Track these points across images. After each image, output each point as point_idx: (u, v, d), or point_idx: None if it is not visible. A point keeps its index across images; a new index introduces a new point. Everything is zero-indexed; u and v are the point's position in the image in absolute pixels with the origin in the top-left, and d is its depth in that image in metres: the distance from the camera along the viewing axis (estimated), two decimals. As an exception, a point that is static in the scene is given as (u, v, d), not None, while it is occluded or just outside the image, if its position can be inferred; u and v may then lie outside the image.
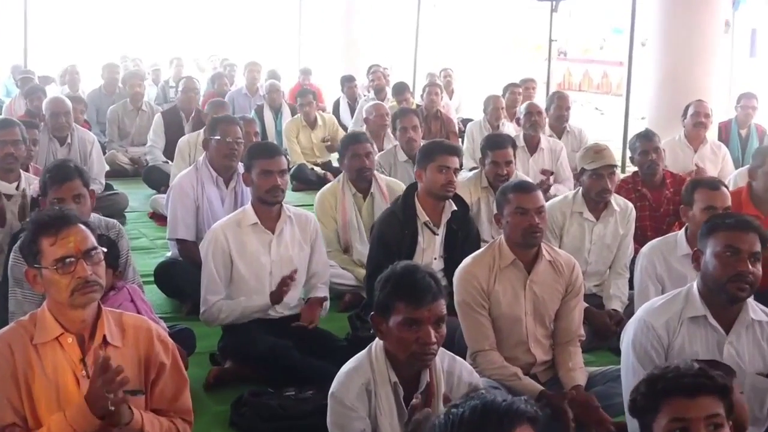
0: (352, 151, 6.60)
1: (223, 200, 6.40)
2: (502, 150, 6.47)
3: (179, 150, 8.49)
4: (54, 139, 8.44)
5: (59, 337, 3.20)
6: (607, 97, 23.69)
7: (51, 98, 8.98)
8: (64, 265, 3.17)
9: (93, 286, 3.19)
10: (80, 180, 4.78)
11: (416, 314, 3.21)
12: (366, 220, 6.57)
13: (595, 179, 5.83)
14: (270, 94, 12.17)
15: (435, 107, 11.06)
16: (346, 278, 6.40)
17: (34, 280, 3.25)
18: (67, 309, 3.20)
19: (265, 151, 5.20)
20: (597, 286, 5.99)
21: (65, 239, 3.19)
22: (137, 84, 11.74)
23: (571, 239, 5.92)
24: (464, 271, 4.47)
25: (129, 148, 11.39)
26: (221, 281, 5.08)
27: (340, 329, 5.55)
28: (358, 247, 6.54)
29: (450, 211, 5.52)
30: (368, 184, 6.67)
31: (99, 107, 12.67)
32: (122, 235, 4.99)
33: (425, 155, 5.50)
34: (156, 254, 7.60)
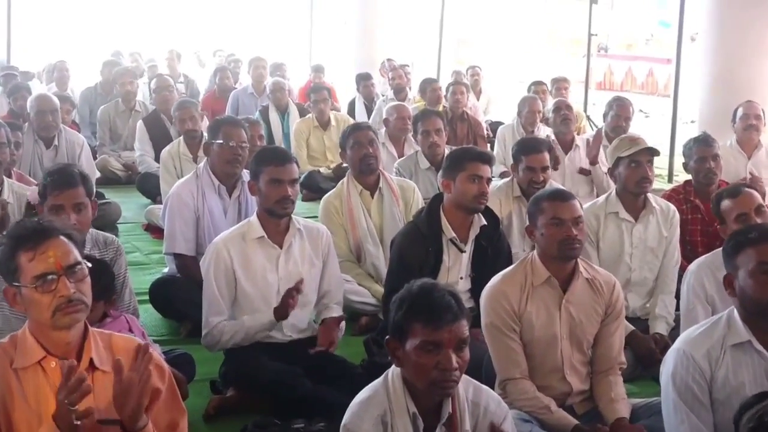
0: (353, 139, 6.63)
1: (226, 211, 6.39)
2: (538, 154, 6.46)
3: (163, 164, 8.56)
4: (39, 140, 8.48)
5: (41, 360, 3.21)
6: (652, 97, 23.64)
7: (36, 95, 9.05)
8: (45, 283, 3.17)
9: (77, 305, 3.19)
10: (83, 188, 4.81)
11: (435, 337, 3.20)
12: (375, 221, 6.59)
13: (633, 167, 5.80)
14: (275, 93, 12.12)
15: (461, 109, 11.07)
16: (363, 295, 6.38)
17: (13, 299, 3.25)
18: (50, 330, 3.20)
19: (275, 157, 5.18)
20: (644, 308, 5.94)
21: (45, 254, 3.18)
22: (128, 82, 11.74)
23: (609, 245, 5.88)
24: (493, 291, 4.46)
25: (122, 152, 11.41)
26: (224, 301, 5.06)
27: (355, 354, 5.54)
28: (371, 251, 6.55)
29: (479, 225, 5.50)
30: (375, 178, 6.67)
31: (93, 107, 12.69)
32: (121, 252, 5.02)
33: (454, 163, 5.48)
34: (151, 270, 7.62)
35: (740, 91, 10.68)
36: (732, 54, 11.48)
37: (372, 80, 14.20)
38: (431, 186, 7.28)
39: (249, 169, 5.39)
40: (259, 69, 13.71)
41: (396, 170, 7.62)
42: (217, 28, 25.43)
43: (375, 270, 6.49)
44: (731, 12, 11.53)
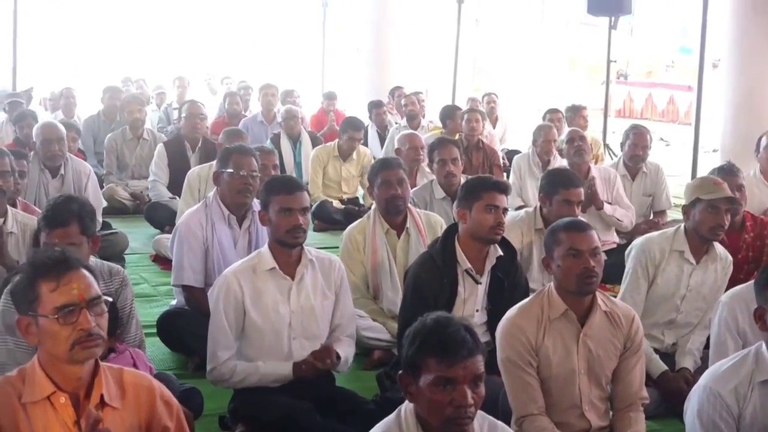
0: (381, 177, 6.57)
1: (236, 242, 6.39)
2: (577, 188, 6.45)
3: (188, 184, 8.52)
4: (45, 169, 8.48)
5: (51, 396, 3.21)
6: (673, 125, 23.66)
7: (42, 123, 9.04)
8: (67, 314, 3.18)
9: (96, 339, 3.21)
10: (77, 226, 4.79)
11: (450, 372, 3.20)
12: (400, 261, 6.52)
13: (711, 212, 5.70)
14: (287, 121, 12.15)
15: (476, 137, 11.07)
16: (377, 331, 6.37)
17: (26, 329, 3.25)
18: (64, 364, 3.22)
19: (285, 186, 5.18)
20: (674, 344, 5.93)
21: (68, 285, 3.20)
22: (137, 109, 11.73)
23: (665, 281, 5.82)
24: (509, 324, 4.47)
25: (129, 181, 11.42)
26: (232, 334, 5.05)
27: (368, 389, 5.54)
28: (389, 294, 6.51)
29: (495, 256, 5.48)
30: (402, 219, 6.63)
31: (96, 135, 12.75)
32: (126, 282, 5.01)
33: (470, 192, 5.48)
34: (159, 302, 7.65)
35: (764, 119, 10.71)
36: (755, 81, 11.50)
37: (384, 108, 14.24)
38: (446, 216, 7.27)
39: (259, 198, 5.41)
40: (268, 96, 13.75)
41: (411, 200, 7.63)
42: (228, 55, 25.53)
43: (390, 313, 6.44)
44: (754, 38, 11.56)
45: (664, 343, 5.78)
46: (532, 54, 27.06)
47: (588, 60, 26.99)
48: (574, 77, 27.40)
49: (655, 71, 29.37)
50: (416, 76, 19.49)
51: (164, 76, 20.20)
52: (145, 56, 24.86)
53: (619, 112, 25.47)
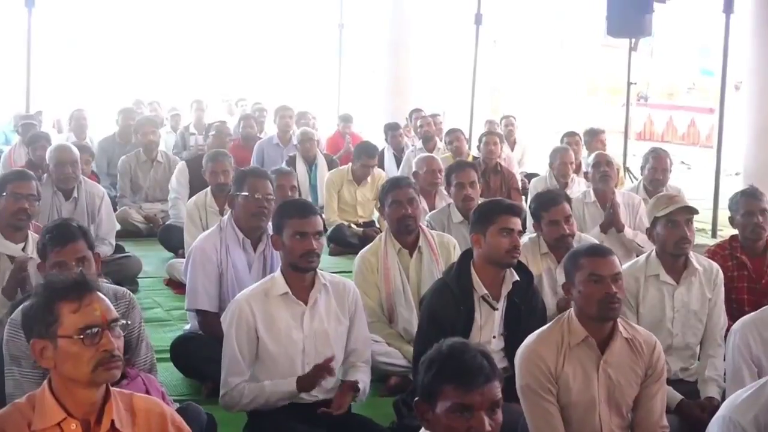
0: (391, 197, 6.58)
1: (251, 266, 6.40)
2: (557, 206, 6.46)
3: (188, 215, 8.61)
4: (58, 192, 8.50)
5: (61, 422, 3.21)
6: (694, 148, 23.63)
7: (56, 146, 9.06)
8: (90, 336, 3.20)
9: (117, 361, 3.23)
10: (84, 241, 4.85)
11: (467, 399, 3.19)
12: (413, 280, 6.54)
13: (670, 228, 5.71)
14: (303, 143, 12.16)
15: (494, 160, 11.07)
16: (393, 356, 6.36)
17: (41, 353, 3.25)
18: (80, 388, 3.22)
19: (299, 209, 5.19)
20: (684, 370, 5.89)
21: (90, 306, 3.23)
22: (150, 131, 11.77)
23: (649, 309, 5.80)
24: (528, 351, 4.45)
25: (143, 204, 11.46)
26: (245, 360, 5.04)
27: (384, 416, 5.53)
28: (404, 314, 6.51)
29: (511, 281, 5.46)
30: (414, 238, 6.63)
31: (111, 157, 12.78)
32: (134, 305, 4.99)
33: (483, 216, 5.47)
34: (172, 327, 7.65)
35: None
36: (778, 103, 11.46)
37: (400, 130, 14.24)
38: (464, 240, 7.25)
39: (272, 222, 5.40)
40: (285, 119, 13.74)
41: (427, 224, 7.62)
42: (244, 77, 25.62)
43: (406, 333, 6.44)
44: (776, 60, 11.53)
45: (671, 370, 5.74)
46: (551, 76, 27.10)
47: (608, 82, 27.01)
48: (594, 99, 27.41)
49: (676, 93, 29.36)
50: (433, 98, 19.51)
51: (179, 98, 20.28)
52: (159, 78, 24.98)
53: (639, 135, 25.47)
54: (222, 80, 25.01)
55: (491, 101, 24.33)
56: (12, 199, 6.18)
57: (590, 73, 28.49)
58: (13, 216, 6.17)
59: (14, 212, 6.16)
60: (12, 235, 6.18)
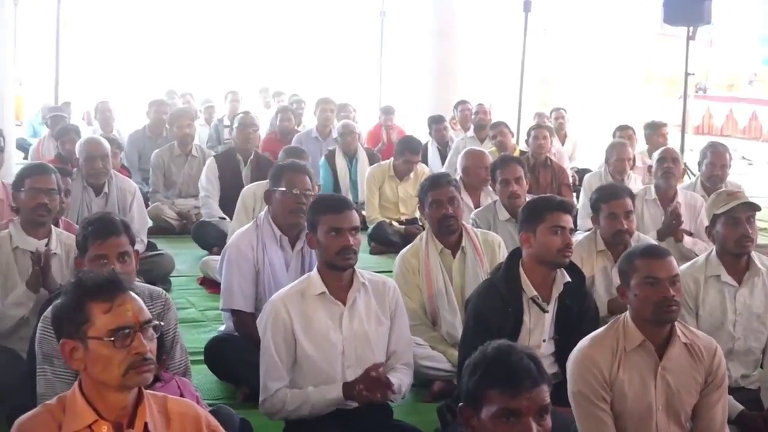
0: (432, 197, 6.54)
1: (288, 264, 6.40)
2: (619, 200, 6.44)
3: (242, 202, 8.56)
4: (88, 187, 8.53)
5: (93, 425, 3.23)
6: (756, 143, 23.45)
7: (86, 139, 9.08)
8: (121, 338, 3.20)
9: (150, 364, 3.24)
10: (127, 236, 4.86)
11: (513, 404, 3.18)
12: (457, 282, 6.51)
13: (731, 225, 5.66)
14: (344, 136, 12.13)
15: (543, 154, 11.03)
16: (436, 360, 6.32)
17: (71, 354, 3.26)
18: (111, 391, 3.23)
19: (333, 205, 5.17)
20: (745, 377, 5.83)
21: (122, 307, 3.23)
22: (186, 124, 11.75)
23: (709, 312, 5.75)
24: (581, 356, 4.44)
25: (176, 200, 11.49)
26: (283, 364, 5.03)
27: (428, 423, 5.51)
28: (447, 318, 6.48)
29: (562, 282, 5.44)
30: (457, 238, 6.59)
31: (142, 151, 12.83)
32: (169, 306, 5.00)
33: (533, 214, 5.44)
34: (207, 328, 7.67)
35: None
36: None
37: (445, 123, 14.21)
38: (511, 239, 7.23)
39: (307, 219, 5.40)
40: (326, 112, 13.71)
41: (473, 221, 7.60)
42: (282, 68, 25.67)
43: (450, 337, 6.42)
44: None
45: (732, 377, 5.68)
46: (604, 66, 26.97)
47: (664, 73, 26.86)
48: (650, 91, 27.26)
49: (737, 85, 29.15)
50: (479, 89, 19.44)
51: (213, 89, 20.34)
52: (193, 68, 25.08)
53: (697, 129, 25.32)
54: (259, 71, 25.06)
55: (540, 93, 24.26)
56: (31, 194, 6.18)
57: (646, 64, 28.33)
58: (33, 212, 6.17)
59: (34, 207, 6.16)
60: (34, 231, 6.20)
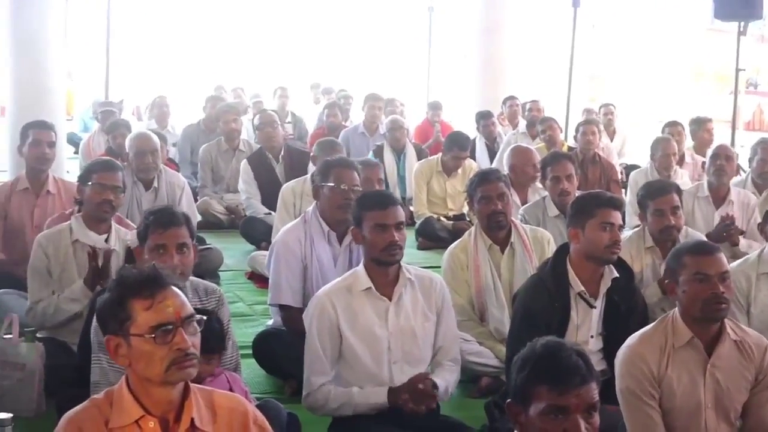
0: (481, 192, 6.53)
1: (336, 259, 6.40)
2: (666, 196, 6.39)
3: (282, 200, 8.60)
4: (138, 182, 8.57)
5: (139, 420, 3.24)
6: (808, 139, 23.13)
7: (136, 134, 9.13)
8: (162, 334, 3.21)
9: (192, 359, 3.24)
10: (187, 228, 4.91)
11: (562, 401, 3.17)
12: (505, 278, 6.50)
13: None
14: (392, 132, 12.16)
15: (592, 150, 10.99)
16: (484, 356, 6.33)
17: (116, 350, 3.28)
18: (155, 386, 3.24)
19: (378, 201, 5.19)
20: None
21: (163, 303, 3.23)
22: (232, 119, 11.82)
23: (761, 309, 5.70)
24: (629, 353, 4.41)
25: (224, 194, 11.54)
26: (328, 359, 5.03)
27: (475, 419, 5.50)
28: (495, 314, 6.47)
29: (610, 278, 5.42)
30: (506, 233, 6.58)
31: (195, 145, 12.87)
32: (223, 301, 5.05)
33: (582, 210, 5.43)
34: (255, 323, 7.70)
35: None
36: None
37: (493, 119, 14.18)
38: (560, 235, 7.20)
39: (352, 215, 5.40)
40: (374, 108, 13.78)
41: (521, 217, 7.57)
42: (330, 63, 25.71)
43: (498, 333, 6.41)
44: None
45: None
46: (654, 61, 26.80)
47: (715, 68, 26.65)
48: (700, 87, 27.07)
49: (789, 80, 28.89)
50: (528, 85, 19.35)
51: (263, 84, 20.40)
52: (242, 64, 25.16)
53: (748, 125, 25.11)
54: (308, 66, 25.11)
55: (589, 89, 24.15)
56: (97, 190, 6.23)
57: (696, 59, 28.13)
58: (98, 207, 6.22)
59: (99, 203, 6.21)
60: (95, 226, 6.24)
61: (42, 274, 6.19)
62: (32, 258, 6.25)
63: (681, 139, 11.29)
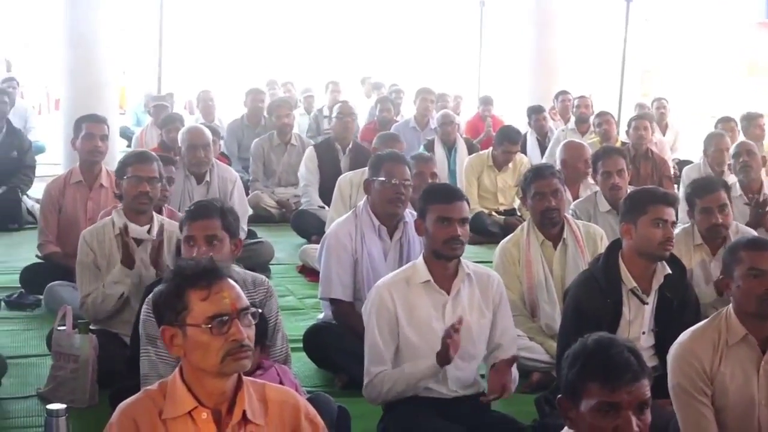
0: (535, 188, 6.52)
1: (386, 254, 6.42)
2: (713, 194, 6.34)
3: (339, 190, 8.64)
4: (190, 175, 8.63)
5: (192, 411, 3.26)
6: None
7: (188, 128, 9.19)
8: (218, 325, 3.23)
9: (247, 350, 3.25)
10: (220, 220, 4.94)
11: (613, 397, 3.16)
12: (557, 274, 6.49)
13: None
14: (443, 126, 12.14)
15: (645, 145, 10.90)
16: (535, 352, 6.32)
17: (171, 340, 3.31)
18: (210, 378, 3.26)
19: (444, 194, 5.20)
20: None
21: (219, 294, 3.26)
22: (285, 114, 11.86)
23: None
24: (682, 349, 4.39)
25: (275, 188, 11.60)
26: (387, 349, 5.04)
27: (526, 414, 5.50)
28: (546, 309, 6.47)
29: (663, 274, 5.39)
30: (559, 229, 6.57)
31: (240, 140, 12.97)
32: (271, 293, 5.08)
33: (635, 206, 5.40)
34: (305, 316, 7.73)
35: None
36: None
37: (545, 113, 14.12)
38: (611, 231, 7.16)
39: (417, 207, 5.39)
40: (426, 102, 13.78)
41: (572, 213, 7.54)
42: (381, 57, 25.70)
43: (549, 329, 6.40)
44: None
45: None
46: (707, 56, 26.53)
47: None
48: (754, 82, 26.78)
49: None
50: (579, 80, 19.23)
51: (313, 79, 20.44)
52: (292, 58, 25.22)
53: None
54: (359, 60, 25.12)
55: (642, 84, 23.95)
56: (133, 182, 6.27)
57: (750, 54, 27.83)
58: (135, 199, 6.27)
59: (136, 196, 6.25)
60: (136, 218, 6.29)
61: (90, 269, 6.26)
62: (79, 253, 6.33)
63: (734, 135, 11.19)
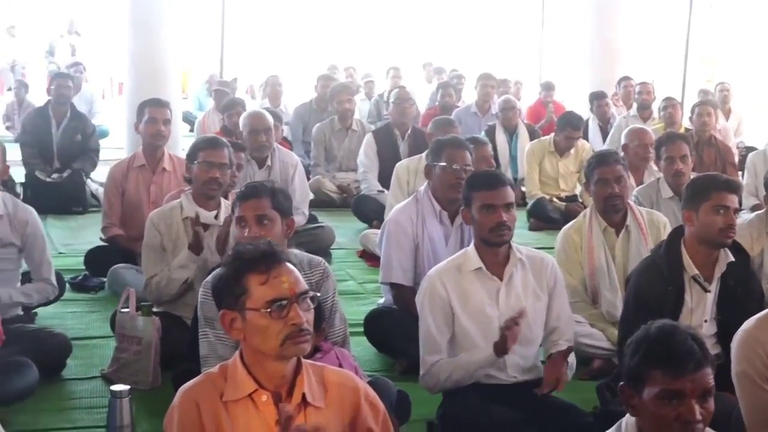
0: (598, 174, 6.46)
1: (447, 239, 6.42)
2: None
3: (396, 176, 8.64)
4: (252, 160, 8.66)
5: (253, 394, 3.28)
6: None
7: (249, 113, 9.20)
8: (278, 309, 3.24)
9: (306, 334, 3.26)
10: (269, 200, 4.96)
11: (676, 385, 3.15)
12: (619, 261, 6.45)
13: None
14: (504, 112, 12.13)
15: (708, 132, 10.80)
16: (596, 338, 6.29)
17: (231, 324, 3.32)
18: (270, 361, 3.28)
19: (486, 181, 5.18)
20: None
21: (278, 278, 3.27)
22: (346, 99, 11.86)
23: None
24: (746, 336, 4.34)
25: (336, 173, 11.63)
26: (441, 338, 5.05)
27: (586, 401, 5.46)
28: (608, 296, 6.42)
29: (725, 262, 5.34)
30: (622, 216, 6.52)
31: (307, 124, 12.96)
32: (328, 274, 5.07)
33: (697, 192, 5.35)
34: (366, 301, 7.74)
35: None
36: None
37: (607, 99, 14.01)
38: (674, 217, 7.11)
39: (462, 195, 5.40)
40: (486, 87, 13.73)
41: (635, 199, 7.49)
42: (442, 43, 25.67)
43: (609, 316, 6.37)
44: None
45: None
46: (773, 42, 26.23)
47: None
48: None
49: None
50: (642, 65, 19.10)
51: (374, 64, 20.45)
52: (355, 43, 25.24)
53: None
54: (420, 46, 25.11)
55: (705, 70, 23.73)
56: (204, 168, 6.30)
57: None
58: (205, 185, 6.30)
59: (205, 181, 6.29)
60: (205, 203, 6.33)
61: (156, 251, 6.31)
62: (146, 236, 6.37)
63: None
